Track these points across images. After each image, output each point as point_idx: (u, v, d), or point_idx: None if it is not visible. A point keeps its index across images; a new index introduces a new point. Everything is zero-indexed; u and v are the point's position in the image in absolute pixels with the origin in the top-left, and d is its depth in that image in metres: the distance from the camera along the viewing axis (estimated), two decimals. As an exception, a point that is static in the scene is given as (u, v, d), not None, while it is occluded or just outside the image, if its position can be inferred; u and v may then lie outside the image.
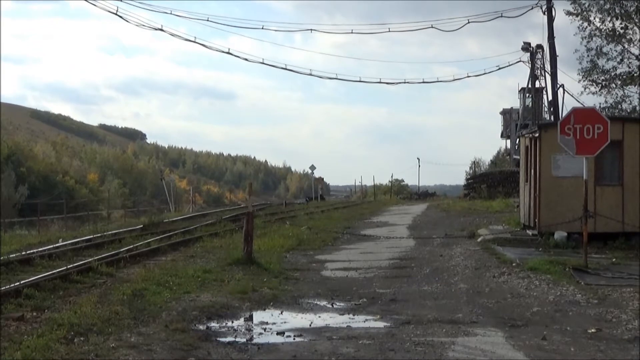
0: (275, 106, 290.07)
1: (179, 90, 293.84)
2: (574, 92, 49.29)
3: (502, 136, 53.43)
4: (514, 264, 11.45)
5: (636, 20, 28.83)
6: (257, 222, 20.32)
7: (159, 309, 7.97)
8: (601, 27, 29.28)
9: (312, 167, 52.93)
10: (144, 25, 21.34)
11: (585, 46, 29.88)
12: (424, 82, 34.88)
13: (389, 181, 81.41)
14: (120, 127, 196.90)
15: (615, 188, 14.44)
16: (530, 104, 43.48)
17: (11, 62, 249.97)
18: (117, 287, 9.29)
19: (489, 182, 41.06)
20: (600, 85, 29.99)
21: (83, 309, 7.59)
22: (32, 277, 10.09)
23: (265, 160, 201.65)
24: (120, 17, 18.66)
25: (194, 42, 22.66)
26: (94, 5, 19.53)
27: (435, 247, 14.94)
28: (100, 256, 12.75)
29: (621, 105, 30.03)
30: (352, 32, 37.49)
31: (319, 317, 8.02)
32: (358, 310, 8.34)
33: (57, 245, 15.23)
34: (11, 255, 12.61)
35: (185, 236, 17.52)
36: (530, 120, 41.47)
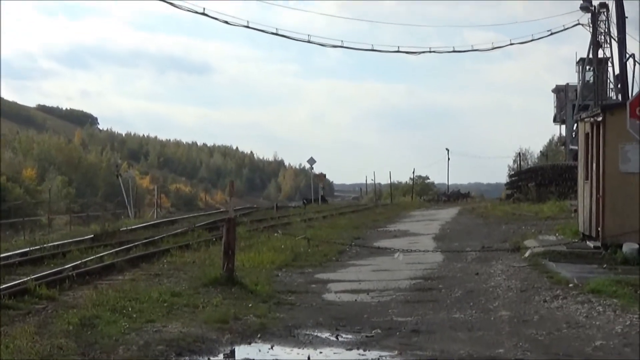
0: (264, 83, 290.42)
1: (139, 61, 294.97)
2: (649, 63, 49.21)
3: (555, 121, 53.51)
4: (570, 285, 11.47)
5: None
6: (241, 230, 20.37)
7: (115, 342, 7.98)
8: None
9: (311, 161, 52.96)
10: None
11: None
12: (453, 52, 35.03)
13: (410, 179, 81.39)
14: (64, 108, 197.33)
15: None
16: (592, 79, 43.47)
17: None
18: (60, 315, 9.31)
19: (538, 179, 41.09)
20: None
21: (17, 343, 7.59)
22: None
23: (251, 152, 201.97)
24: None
25: (159, -1, 22.65)
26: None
27: (469, 264, 14.99)
28: (39, 275, 12.77)
29: None
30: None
31: (320, 352, 8.04)
32: (370, 345, 8.35)
33: (-18, 260, 15.22)
34: None
35: (148, 249, 17.57)
36: (591, 100, 41.48)
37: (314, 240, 18.68)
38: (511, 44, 37.30)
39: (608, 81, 43.92)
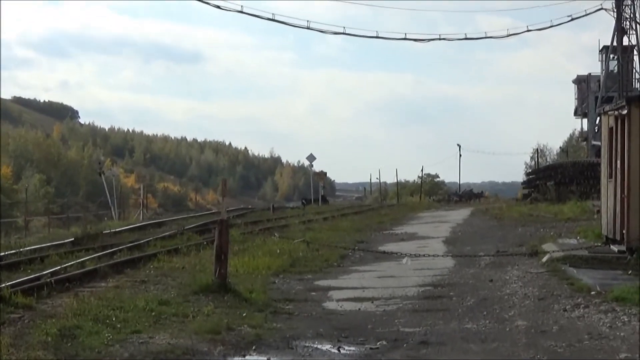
0: (259, 73, 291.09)
1: (123, 49, 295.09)
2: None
3: (576, 114, 53.49)
4: (592, 293, 11.47)
5: None
6: (234, 234, 20.42)
7: (97, 355, 7.98)
8: None
9: (311, 158, 53.02)
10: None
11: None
12: (465, 39, 35.11)
13: (418, 177, 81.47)
14: (42, 101, 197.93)
15: None
16: (616, 68, 43.40)
17: None
18: (38, 325, 9.30)
19: (557, 178, 41.12)
20: None
21: (-9, 355, 7.60)
22: None
23: (245, 148, 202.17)
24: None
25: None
26: None
27: (482, 269, 15.04)
28: (14, 281, 12.73)
29: None
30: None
31: (321, 366, 8.05)
32: (375, 357, 8.37)
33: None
34: None
35: (133, 253, 17.62)
36: (615, 92, 41.45)
37: (314, 244, 18.69)
38: (528, 31, 37.34)
39: (633, 71, 43.87)
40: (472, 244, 20.43)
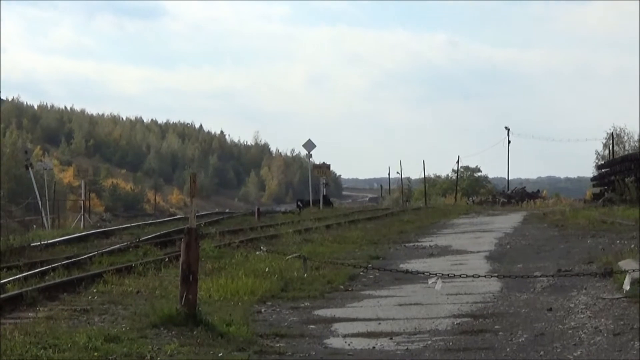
0: (239, 32, 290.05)
1: (59, 1, 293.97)
2: None
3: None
4: (687, 326, 11.48)
5: None
6: (207, 247, 20.84)
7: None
8: None
9: (309, 146, 52.93)
10: None
11: None
12: (518, -14, 34.77)
13: (453, 171, 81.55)
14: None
15: None
16: None
17: None
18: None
19: (639, 172, 41.10)
20: None
21: None
22: None
23: (221, 132, 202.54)
24: None
25: None
26: None
27: (538, 295, 15.05)
28: None
29: None
30: None
31: None
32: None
33: None
34: None
35: (71, 273, 17.64)
36: None
37: (313, 260, 18.66)
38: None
39: None
40: (525, 260, 20.45)
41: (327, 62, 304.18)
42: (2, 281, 16.01)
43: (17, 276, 16.74)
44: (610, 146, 74.11)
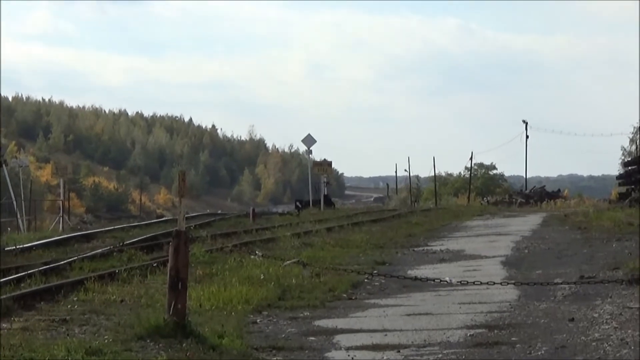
0: (232, 16, 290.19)
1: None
2: None
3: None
4: None
5: None
6: (197, 251, 20.97)
7: None
8: None
9: (308, 141, 52.95)
10: None
11: None
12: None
13: (466, 168, 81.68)
14: None
15: None
16: None
17: None
18: None
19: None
20: None
21: None
22: None
23: (213, 126, 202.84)
24: None
25: None
26: None
27: (559, 303, 14.98)
28: None
29: None
30: None
31: None
32: None
33: None
34: None
35: (49, 280, 17.68)
36: None
37: (313, 266, 18.58)
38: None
39: None
40: (545, 266, 20.51)
41: (328, 49, 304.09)
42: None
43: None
44: (638, 141, 73.87)
